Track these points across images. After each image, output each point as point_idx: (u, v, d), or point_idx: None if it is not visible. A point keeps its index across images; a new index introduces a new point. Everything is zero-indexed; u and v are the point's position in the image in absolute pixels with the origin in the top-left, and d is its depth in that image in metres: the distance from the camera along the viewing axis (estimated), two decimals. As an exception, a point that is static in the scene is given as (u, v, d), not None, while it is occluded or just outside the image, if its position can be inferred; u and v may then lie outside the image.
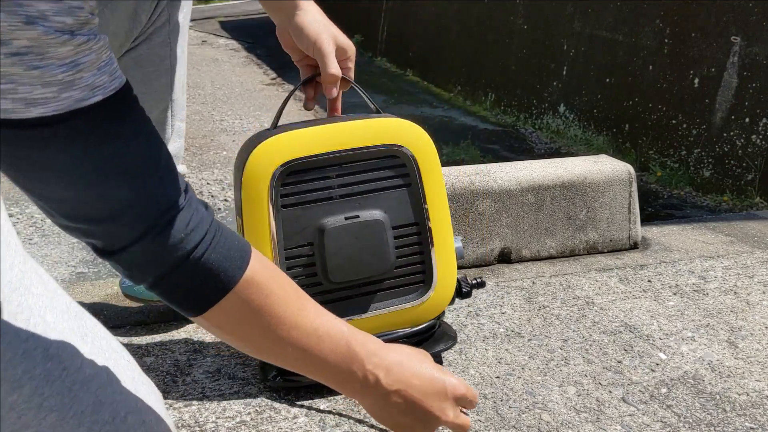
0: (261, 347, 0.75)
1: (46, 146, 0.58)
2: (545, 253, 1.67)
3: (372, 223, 1.03)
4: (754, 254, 1.73)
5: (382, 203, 1.05)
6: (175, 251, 0.66)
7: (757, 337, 1.32)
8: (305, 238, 1.02)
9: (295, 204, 1.01)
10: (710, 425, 1.06)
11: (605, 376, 1.18)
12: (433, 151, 1.07)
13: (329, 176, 1.02)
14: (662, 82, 2.91)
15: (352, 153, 1.02)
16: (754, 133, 2.55)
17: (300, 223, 1.01)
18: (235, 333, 0.73)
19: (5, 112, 0.55)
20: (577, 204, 1.67)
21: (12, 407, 0.64)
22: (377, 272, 1.06)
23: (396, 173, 1.06)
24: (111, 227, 0.64)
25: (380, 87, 4.63)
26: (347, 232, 1.02)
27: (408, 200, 1.07)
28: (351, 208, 1.03)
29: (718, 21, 2.67)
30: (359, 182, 1.04)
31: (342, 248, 1.02)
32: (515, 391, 1.12)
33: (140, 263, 0.66)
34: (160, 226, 0.65)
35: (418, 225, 1.08)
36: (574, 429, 1.03)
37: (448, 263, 1.11)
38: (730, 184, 2.61)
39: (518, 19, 3.89)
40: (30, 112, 0.56)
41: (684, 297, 1.48)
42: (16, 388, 0.65)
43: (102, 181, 0.61)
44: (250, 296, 0.70)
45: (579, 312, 1.40)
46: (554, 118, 3.56)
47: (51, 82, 0.56)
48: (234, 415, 1.03)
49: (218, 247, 0.68)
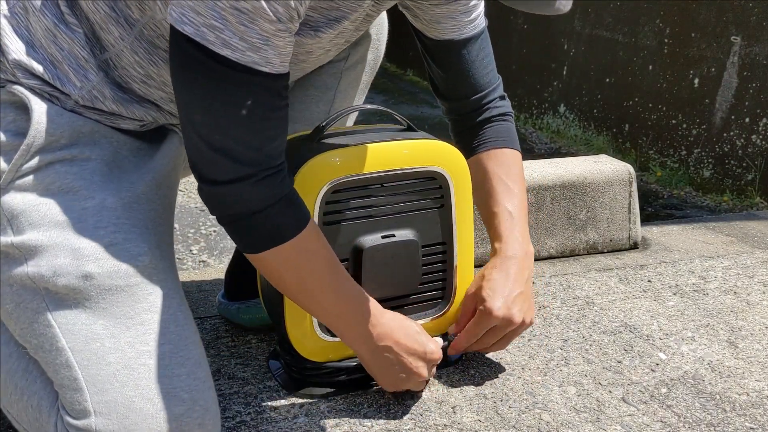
0: (294, 292, 0.93)
1: (218, 78, 0.77)
2: (545, 253, 1.67)
3: (407, 243, 1.06)
4: (754, 254, 1.73)
5: (415, 223, 1.07)
6: (262, 200, 0.84)
7: (757, 337, 1.32)
8: (342, 254, 1.03)
9: (338, 221, 1.02)
10: (710, 425, 1.06)
11: (605, 376, 1.18)
12: (467, 173, 1.10)
13: (371, 195, 1.03)
14: (662, 82, 2.91)
15: (395, 174, 1.04)
16: (754, 133, 2.55)
17: (339, 239, 1.02)
18: (278, 275, 0.90)
19: (208, 41, 0.75)
20: (577, 204, 1.67)
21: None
22: (406, 290, 1.09)
23: (432, 194, 1.08)
24: (227, 161, 0.81)
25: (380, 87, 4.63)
26: (384, 250, 1.04)
27: (439, 220, 1.10)
28: (387, 226, 1.05)
29: (718, 21, 2.67)
30: (398, 202, 1.06)
31: (377, 266, 1.04)
32: (515, 391, 1.12)
33: (231, 199, 0.84)
34: (262, 176, 0.83)
35: (445, 244, 1.11)
36: (574, 429, 1.03)
37: (466, 279, 1.15)
38: (730, 184, 2.61)
39: (518, 19, 3.89)
40: (222, 50, 0.76)
41: (684, 297, 1.48)
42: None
43: (251, 126, 0.81)
44: (298, 251, 0.88)
45: (579, 312, 1.40)
46: (554, 118, 3.56)
47: (247, 40, 0.76)
48: (234, 415, 1.03)
49: (286, 209, 0.86)
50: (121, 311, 0.85)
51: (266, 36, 0.77)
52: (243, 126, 0.80)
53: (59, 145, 0.89)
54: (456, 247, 1.12)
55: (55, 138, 0.88)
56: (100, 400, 0.81)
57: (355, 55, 1.17)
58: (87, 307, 0.84)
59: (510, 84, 4.00)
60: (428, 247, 1.10)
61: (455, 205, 1.10)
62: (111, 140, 0.94)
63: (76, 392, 0.82)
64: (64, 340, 0.83)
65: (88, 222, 0.86)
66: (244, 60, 0.77)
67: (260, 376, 1.13)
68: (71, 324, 0.83)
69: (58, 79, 0.89)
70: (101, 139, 0.93)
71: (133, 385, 0.82)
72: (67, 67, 0.90)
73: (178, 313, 0.88)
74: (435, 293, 1.14)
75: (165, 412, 0.83)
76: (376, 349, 0.97)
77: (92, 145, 0.91)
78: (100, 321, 0.84)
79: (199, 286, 1.42)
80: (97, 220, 0.87)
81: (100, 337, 0.83)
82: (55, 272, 0.83)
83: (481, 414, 1.06)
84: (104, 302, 0.84)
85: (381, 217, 1.05)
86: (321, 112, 1.17)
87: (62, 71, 0.90)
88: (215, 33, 0.75)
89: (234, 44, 0.76)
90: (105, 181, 0.89)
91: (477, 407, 1.08)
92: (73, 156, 0.89)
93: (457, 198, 1.10)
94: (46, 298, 0.84)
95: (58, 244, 0.84)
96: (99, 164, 0.90)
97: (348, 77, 1.18)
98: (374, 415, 1.04)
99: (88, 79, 0.90)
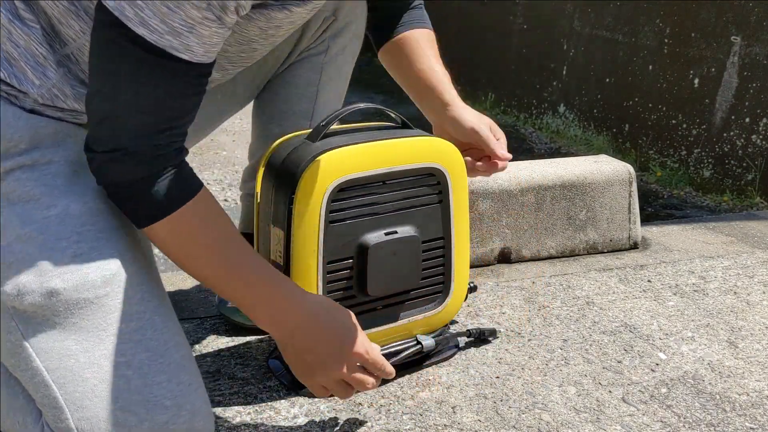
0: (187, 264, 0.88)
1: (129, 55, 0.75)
2: (545, 253, 1.67)
3: (409, 239, 1.07)
4: (754, 254, 1.73)
5: (415, 219, 1.09)
6: (144, 169, 0.81)
7: (757, 337, 1.32)
8: (346, 253, 1.04)
9: (342, 220, 1.02)
10: (710, 425, 1.06)
11: (605, 376, 1.18)
12: (464, 168, 1.13)
13: (374, 193, 1.04)
14: (662, 82, 2.91)
15: (396, 171, 1.05)
16: (754, 133, 2.55)
17: (343, 238, 1.03)
18: (173, 248, 0.86)
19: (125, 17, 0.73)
20: (577, 204, 1.67)
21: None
22: (408, 286, 1.11)
23: (431, 190, 1.10)
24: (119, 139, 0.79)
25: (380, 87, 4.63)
26: (387, 247, 1.05)
27: (438, 216, 1.11)
28: (388, 223, 1.06)
29: (718, 21, 2.67)
30: (399, 199, 1.07)
31: (381, 263, 1.05)
32: (515, 391, 1.12)
33: (117, 168, 0.81)
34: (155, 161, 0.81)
35: (443, 239, 1.13)
36: (574, 429, 1.03)
37: (463, 272, 1.17)
38: (730, 184, 2.61)
39: (518, 19, 3.89)
40: (138, 28, 0.73)
41: (684, 297, 1.48)
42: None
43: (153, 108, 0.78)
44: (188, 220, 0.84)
45: (579, 312, 1.40)
46: (554, 118, 3.56)
47: (168, 23, 0.73)
48: (234, 415, 1.03)
49: (172, 181, 0.82)
50: (92, 324, 0.82)
51: (191, 23, 0.74)
52: (143, 107, 0.78)
53: (18, 150, 0.85)
54: (454, 241, 1.13)
55: (14, 143, 0.84)
56: (81, 417, 0.80)
57: (335, 47, 1.17)
58: (57, 323, 0.81)
59: (510, 84, 4.02)
60: (428, 242, 1.11)
61: (453, 200, 1.12)
62: (76, 138, 0.89)
63: (57, 410, 0.80)
64: (38, 360, 0.81)
65: (51, 233, 0.83)
66: (161, 43, 0.74)
67: (260, 376, 1.13)
68: (43, 342, 0.81)
69: (15, 77, 0.85)
70: (65, 139, 0.89)
71: (112, 399, 0.81)
72: (24, 64, 0.86)
73: (155, 318, 0.85)
74: (435, 287, 1.15)
75: (148, 422, 0.81)
76: (291, 340, 0.90)
77: (55, 147, 0.88)
78: (72, 337, 0.81)
79: (199, 285, 1.42)
80: (60, 230, 0.83)
81: (74, 354, 0.81)
82: (20, 291, 0.80)
83: (481, 414, 1.06)
84: (74, 317, 0.82)
85: (383, 215, 1.06)
86: (305, 110, 1.18)
87: (19, 69, 0.86)
88: (135, 10, 0.73)
89: (153, 25, 0.73)
90: (69, 185, 0.86)
91: (477, 407, 1.08)
92: (34, 161, 0.85)
93: (455, 193, 1.12)
94: (15, 317, 0.81)
95: (20, 260, 0.81)
96: (62, 166, 0.87)
97: (329, 71, 1.18)
98: (374, 415, 1.04)
99: (47, 76, 0.87)
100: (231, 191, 2.54)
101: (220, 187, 2.59)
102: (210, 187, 2.56)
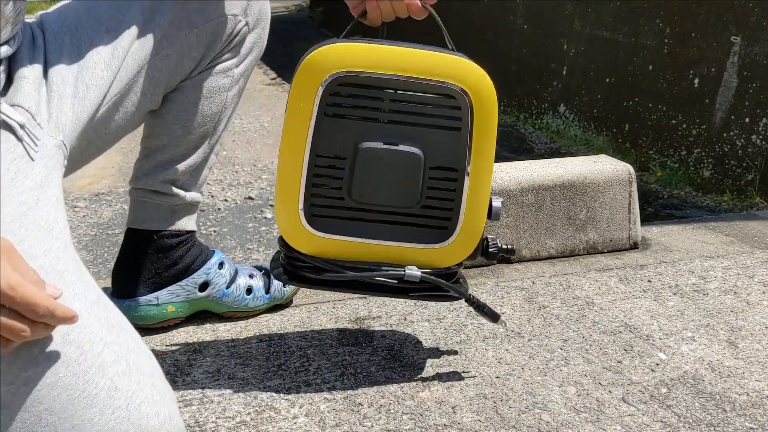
0: None
1: None
2: (545, 253, 1.67)
3: (409, 156, 1.02)
4: (754, 254, 1.73)
5: (426, 140, 1.03)
6: None
7: (757, 337, 1.32)
8: (339, 151, 1.01)
9: (340, 115, 1.00)
10: (710, 425, 1.06)
11: (605, 376, 1.18)
12: (494, 101, 1.03)
13: (381, 98, 1.01)
14: (662, 82, 2.91)
15: (410, 81, 1.00)
16: (754, 133, 2.55)
17: (339, 135, 1.01)
18: None
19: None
20: (577, 204, 1.67)
21: (26, 382, 0.69)
22: (401, 205, 1.05)
23: (449, 114, 1.02)
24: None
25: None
26: (382, 156, 1.01)
27: (453, 144, 1.04)
28: (393, 135, 1.02)
29: (718, 21, 2.67)
30: (410, 112, 1.02)
31: (372, 170, 1.02)
32: (515, 391, 1.12)
33: None
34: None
35: (456, 171, 1.05)
36: (574, 429, 1.03)
37: (477, 217, 1.07)
38: (730, 184, 2.61)
39: (518, 19, 3.89)
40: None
41: (684, 297, 1.48)
42: (31, 365, 0.69)
43: None
44: None
45: (579, 312, 1.40)
46: (554, 118, 3.56)
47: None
48: (234, 415, 1.03)
49: None
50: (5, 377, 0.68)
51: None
52: None
53: None
54: (469, 178, 1.05)
55: None
56: None
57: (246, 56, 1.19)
58: None
59: (510, 84, 4.01)
60: (437, 169, 1.04)
61: (474, 132, 1.03)
62: None
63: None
64: None
65: None
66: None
67: (260, 376, 1.13)
68: None
69: None
70: None
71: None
72: None
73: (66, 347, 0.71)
74: (437, 221, 1.07)
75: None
76: None
77: None
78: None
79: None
80: None
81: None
82: None
83: (481, 414, 1.06)
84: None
85: (388, 124, 1.02)
86: (214, 113, 1.18)
87: None
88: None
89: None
90: None
91: (477, 407, 1.08)
92: None
93: (477, 125, 1.03)
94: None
95: None
96: None
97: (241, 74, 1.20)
98: (374, 415, 1.04)
99: None
100: (231, 191, 2.54)
101: (220, 187, 2.58)
102: (210, 187, 2.56)
